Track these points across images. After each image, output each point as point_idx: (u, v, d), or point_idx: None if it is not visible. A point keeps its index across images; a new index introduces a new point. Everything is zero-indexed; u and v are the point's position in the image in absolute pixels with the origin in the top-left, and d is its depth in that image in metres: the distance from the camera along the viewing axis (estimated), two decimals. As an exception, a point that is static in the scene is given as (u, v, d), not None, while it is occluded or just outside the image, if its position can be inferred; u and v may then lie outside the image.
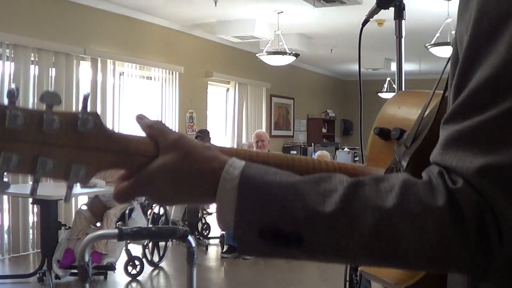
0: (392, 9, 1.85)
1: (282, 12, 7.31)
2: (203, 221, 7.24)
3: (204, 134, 7.38)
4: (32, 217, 5.96)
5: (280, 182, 0.64)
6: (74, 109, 6.48)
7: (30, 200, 5.12)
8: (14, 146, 0.63)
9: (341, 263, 0.67)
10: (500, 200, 0.59)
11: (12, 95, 0.63)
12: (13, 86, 0.66)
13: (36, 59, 6.07)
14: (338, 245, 0.62)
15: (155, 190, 0.68)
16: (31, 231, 6.03)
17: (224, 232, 6.29)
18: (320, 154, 7.71)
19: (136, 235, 2.19)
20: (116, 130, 0.69)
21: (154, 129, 0.70)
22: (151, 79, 7.93)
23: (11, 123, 0.62)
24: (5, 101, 0.63)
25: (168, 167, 0.66)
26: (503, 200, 0.58)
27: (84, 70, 6.75)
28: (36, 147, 0.64)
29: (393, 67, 5.35)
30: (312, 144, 11.77)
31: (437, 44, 7.04)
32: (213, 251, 6.46)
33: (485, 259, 0.60)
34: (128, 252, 5.11)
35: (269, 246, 0.63)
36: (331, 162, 0.80)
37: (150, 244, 5.54)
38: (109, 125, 6.35)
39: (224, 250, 6.17)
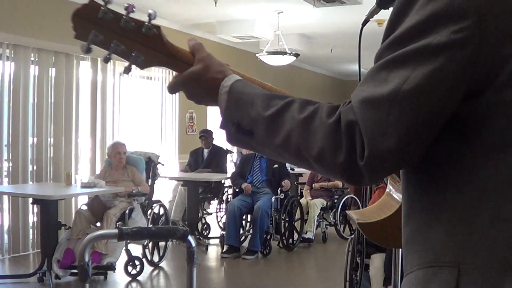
0: (392, 9, 1.85)
1: (282, 12, 7.31)
2: (203, 221, 7.24)
3: (207, 134, 7.45)
4: (32, 217, 5.96)
5: (251, 93, 0.93)
6: (74, 109, 6.49)
7: (30, 200, 5.12)
8: (101, 29, 0.97)
9: (276, 156, 0.92)
10: (367, 122, 0.78)
11: (106, 1, 0.97)
12: None
13: (36, 59, 6.07)
14: (270, 140, 0.89)
15: (187, 88, 1.02)
16: (31, 231, 6.03)
17: (224, 232, 6.29)
18: None
19: (136, 235, 2.18)
20: (169, 43, 1.02)
21: (195, 47, 1.02)
22: (151, 79, 7.93)
23: (102, 15, 0.97)
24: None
25: (193, 73, 1.00)
26: (369, 122, 0.78)
27: (84, 70, 6.75)
28: (114, 34, 0.98)
29: (393, 67, 5.33)
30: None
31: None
32: (213, 251, 6.46)
33: (351, 167, 0.80)
34: (128, 252, 5.11)
35: (237, 134, 0.93)
36: None
37: (150, 244, 5.54)
38: (109, 125, 6.32)
39: (224, 250, 6.17)
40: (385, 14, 1.93)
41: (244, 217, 6.45)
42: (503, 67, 0.75)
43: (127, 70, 1.03)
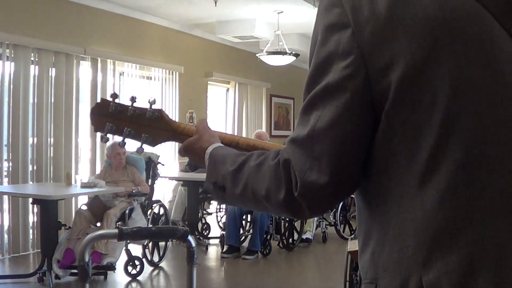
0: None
1: (282, 12, 7.31)
2: (203, 221, 7.24)
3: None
4: (32, 217, 5.96)
5: (224, 154, 1.10)
6: (74, 108, 6.50)
7: (30, 200, 5.11)
8: (113, 120, 1.22)
9: (243, 205, 1.07)
10: (295, 159, 0.91)
11: (113, 96, 1.23)
12: (113, 92, 1.26)
13: (36, 59, 6.07)
14: (235, 190, 1.02)
15: (186, 154, 1.20)
16: (31, 231, 6.03)
17: (224, 232, 6.29)
18: (258, 133, 7.50)
19: (136, 235, 2.19)
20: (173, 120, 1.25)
21: (198, 122, 1.24)
22: (151, 79, 7.93)
23: (112, 109, 1.22)
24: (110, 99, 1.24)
25: (188, 142, 1.20)
26: (297, 159, 0.91)
27: (84, 70, 6.75)
28: (125, 123, 1.21)
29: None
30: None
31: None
32: (213, 251, 6.46)
33: (291, 200, 0.92)
34: (128, 252, 5.11)
35: (216, 191, 1.07)
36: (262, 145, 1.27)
37: (150, 244, 5.54)
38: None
39: (224, 250, 6.17)
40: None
41: (244, 217, 6.45)
42: (387, 93, 0.85)
43: (141, 150, 1.25)
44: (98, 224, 5.18)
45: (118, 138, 1.26)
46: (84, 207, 5.26)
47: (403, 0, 0.86)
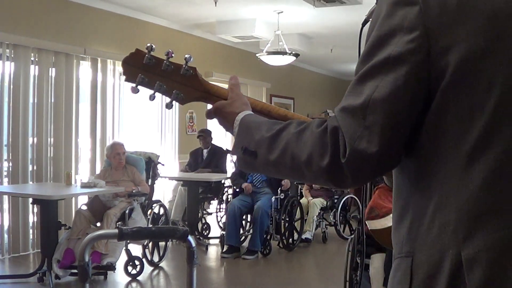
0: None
1: (282, 12, 7.31)
2: (203, 221, 7.24)
3: (205, 134, 7.40)
4: (32, 217, 5.96)
5: (258, 121, 1.09)
6: (74, 109, 6.49)
7: (30, 200, 5.12)
8: (146, 73, 1.20)
9: (275, 172, 1.04)
10: (347, 127, 0.91)
11: (149, 49, 1.20)
12: (149, 44, 1.21)
13: (36, 59, 6.07)
14: (270, 156, 1.01)
15: (215, 116, 1.20)
16: (31, 231, 6.03)
17: (224, 232, 6.29)
18: None
19: (136, 235, 2.19)
20: (205, 81, 1.24)
21: (232, 85, 1.23)
22: (151, 79, 7.91)
23: (147, 61, 1.20)
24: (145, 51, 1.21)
25: (219, 104, 1.20)
26: (348, 127, 0.91)
27: (84, 70, 6.75)
28: (157, 77, 1.20)
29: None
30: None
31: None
32: (213, 251, 6.46)
33: (335, 168, 0.92)
34: (128, 252, 5.11)
35: (244, 156, 1.06)
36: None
37: (150, 244, 5.54)
38: (109, 125, 6.30)
39: (224, 250, 6.17)
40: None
41: (244, 217, 6.45)
42: (445, 72, 0.88)
43: (169, 106, 1.25)
44: (98, 224, 5.18)
45: (148, 91, 1.23)
46: (84, 207, 5.26)
47: None
